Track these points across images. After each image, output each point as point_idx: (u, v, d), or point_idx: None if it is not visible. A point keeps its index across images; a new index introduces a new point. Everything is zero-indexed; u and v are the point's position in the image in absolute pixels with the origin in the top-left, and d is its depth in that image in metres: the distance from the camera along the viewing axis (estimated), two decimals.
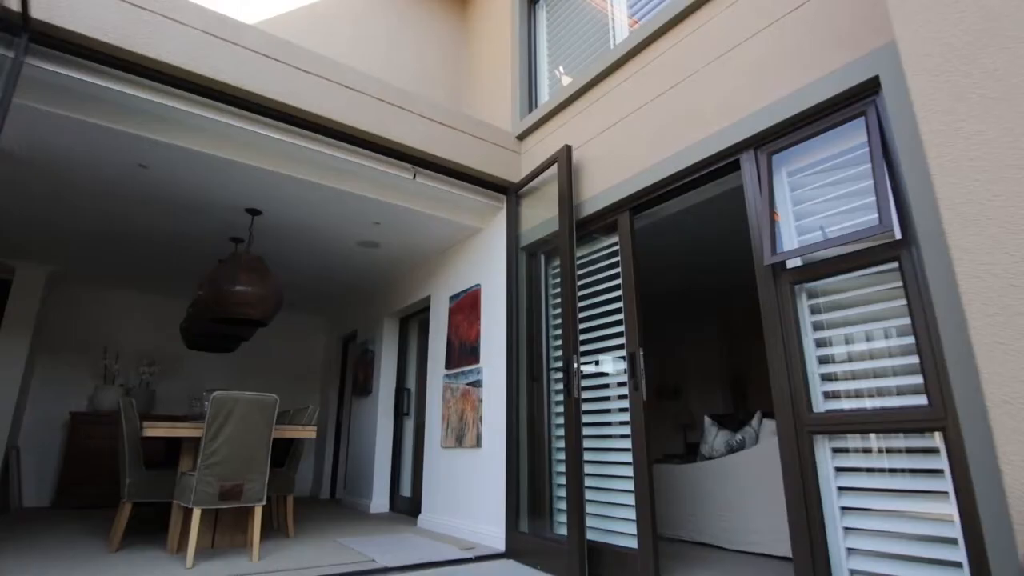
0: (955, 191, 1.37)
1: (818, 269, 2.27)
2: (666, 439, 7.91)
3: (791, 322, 2.32)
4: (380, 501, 5.40)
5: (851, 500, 2.09)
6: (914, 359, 1.97)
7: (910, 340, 1.99)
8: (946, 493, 1.85)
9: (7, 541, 3.60)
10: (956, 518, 1.79)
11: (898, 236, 2.05)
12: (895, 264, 2.06)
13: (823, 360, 2.26)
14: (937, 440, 1.89)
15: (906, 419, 1.93)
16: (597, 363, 3.28)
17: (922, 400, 1.92)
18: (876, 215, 2.08)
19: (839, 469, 2.15)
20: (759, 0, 2.66)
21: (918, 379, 1.95)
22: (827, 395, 2.23)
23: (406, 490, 5.46)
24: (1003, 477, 1.21)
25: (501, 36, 4.94)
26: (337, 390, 7.05)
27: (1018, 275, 1.25)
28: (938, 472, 1.89)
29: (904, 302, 2.02)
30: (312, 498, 6.73)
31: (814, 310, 2.32)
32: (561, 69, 4.31)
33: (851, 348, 2.17)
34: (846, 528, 2.09)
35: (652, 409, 8.18)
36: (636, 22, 3.60)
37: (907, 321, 2.00)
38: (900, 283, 2.04)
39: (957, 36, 1.43)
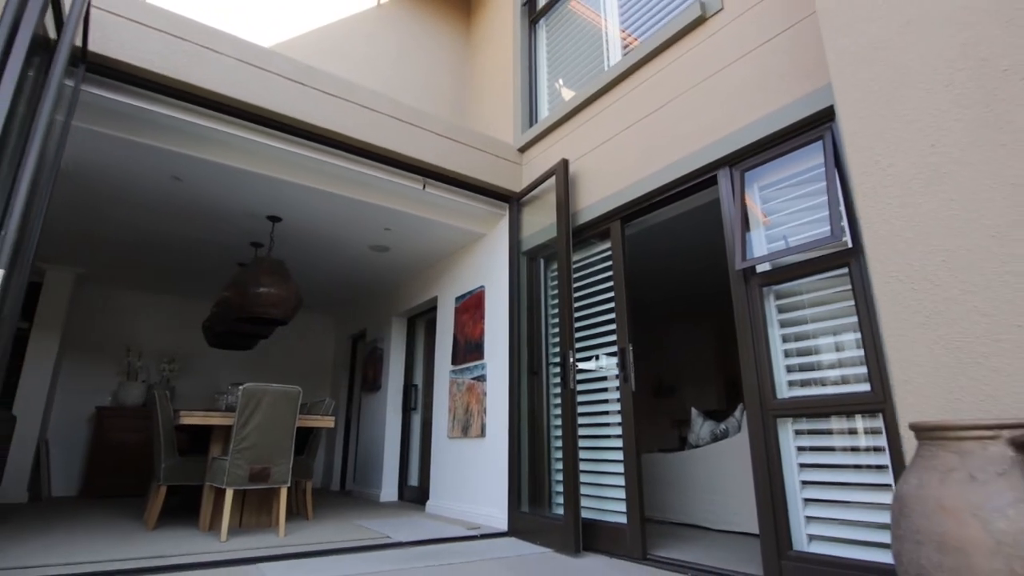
0: (872, 212, 1.69)
1: (783, 273, 2.59)
2: (662, 434, 8.22)
3: (760, 319, 2.63)
4: (389, 491, 5.72)
5: (810, 475, 2.41)
6: (861, 352, 2.29)
7: (858, 335, 2.31)
8: (887, 466, 2.17)
9: (50, 524, 3.93)
10: (894, 487, 2.10)
11: (850, 245, 2.36)
12: (846, 270, 2.37)
13: (788, 353, 2.58)
14: (880, 421, 2.21)
15: (854, 403, 2.25)
16: (596, 358, 3.60)
17: (867, 387, 2.24)
18: (829, 227, 2.40)
19: (800, 448, 2.47)
20: (734, 34, 2.98)
21: (864, 369, 2.27)
22: (791, 383, 2.55)
23: (414, 480, 5.78)
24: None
25: (503, 53, 5.27)
26: (346, 386, 7.38)
27: (917, 281, 1.56)
28: (882, 449, 2.21)
29: (853, 303, 2.33)
30: (323, 489, 7.05)
31: (780, 309, 2.64)
32: (561, 81, 4.63)
33: (811, 343, 2.49)
34: (805, 499, 2.41)
35: (649, 406, 8.49)
36: (627, 34, 3.92)
37: (855, 319, 2.32)
38: (850, 286, 2.36)
39: (878, 85, 1.75)
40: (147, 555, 2.85)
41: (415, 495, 5.59)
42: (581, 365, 3.65)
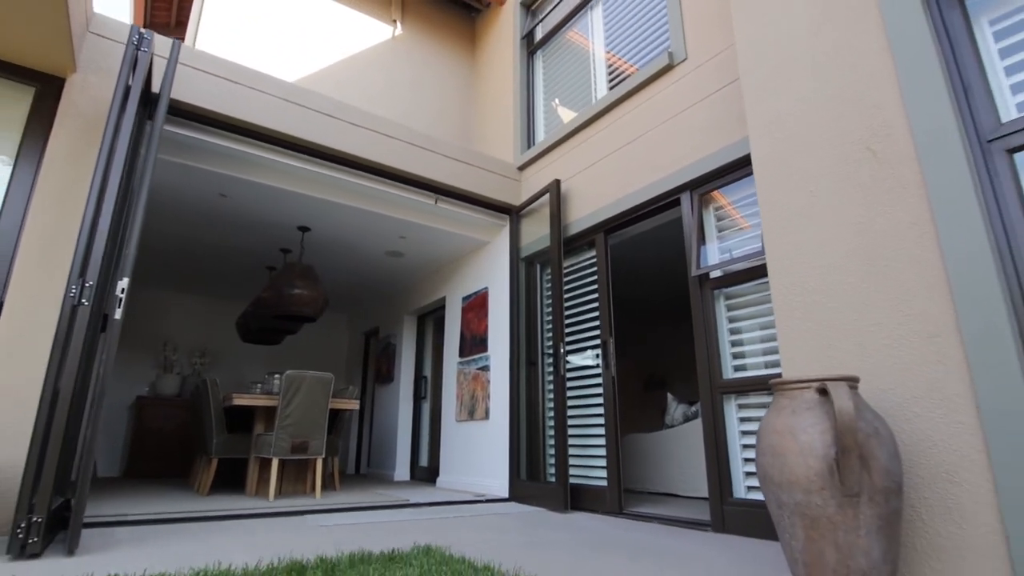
0: (772, 239, 2.32)
1: (729, 279, 3.22)
2: (651, 423, 8.85)
3: (711, 316, 3.26)
4: (402, 471, 6.36)
5: (749, 440, 3.04)
6: None
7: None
8: None
9: (115, 494, 4.57)
10: None
11: None
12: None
13: (734, 343, 3.21)
14: None
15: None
16: (583, 351, 4.23)
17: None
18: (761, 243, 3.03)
19: (742, 419, 3.10)
20: (694, 81, 3.60)
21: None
22: (735, 368, 3.17)
23: (424, 461, 6.42)
24: None
25: (505, 80, 5.89)
26: (360, 378, 8.02)
27: (797, 288, 2.19)
28: None
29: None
30: (340, 473, 7.69)
31: (728, 308, 3.27)
32: (557, 101, 5.26)
33: (750, 334, 3.12)
34: (744, 458, 3.04)
35: (641, 399, 9.12)
36: (613, 55, 4.53)
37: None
38: None
39: (778, 145, 2.38)
40: (214, 508, 3.49)
41: (425, 474, 6.23)
42: (570, 356, 4.28)
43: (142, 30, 2.93)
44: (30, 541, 2.18)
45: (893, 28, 2.06)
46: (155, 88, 3.54)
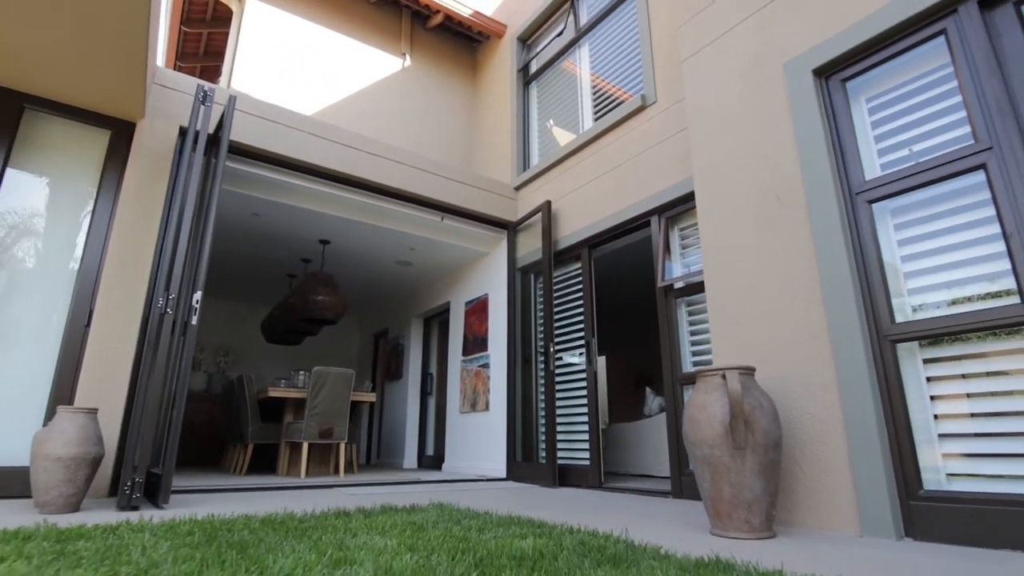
0: (709, 263, 2.97)
1: (689, 290, 3.86)
2: (639, 416, 9.49)
3: (675, 319, 3.91)
4: (410, 459, 7.01)
5: None
6: None
7: None
8: None
9: None
10: None
11: None
12: None
13: (694, 343, 3.85)
14: None
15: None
16: (571, 351, 4.88)
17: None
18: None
19: None
20: (663, 122, 4.25)
21: None
22: (694, 363, 3.82)
23: (430, 450, 7.07)
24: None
25: (502, 108, 6.54)
26: (370, 376, 8.67)
27: (727, 304, 2.84)
28: None
29: None
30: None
31: (689, 313, 3.91)
32: (552, 121, 5.90)
33: (706, 336, 3.76)
34: None
35: (632, 397, 9.77)
36: (598, 78, 5.17)
37: None
38: None
39: (714, 186, 3.02)
40: (256, 482, 4.14)
41: (430, 462, 6.88)
42: (559, 354, 4.93)
43: (206, 87, 3.59)
44: (134, 496, 2.83)
45: (795, 104, 2.71)
46: (209, 127, 4.19)
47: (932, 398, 2.19)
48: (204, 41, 7.15)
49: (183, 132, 4.05)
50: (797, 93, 2.72)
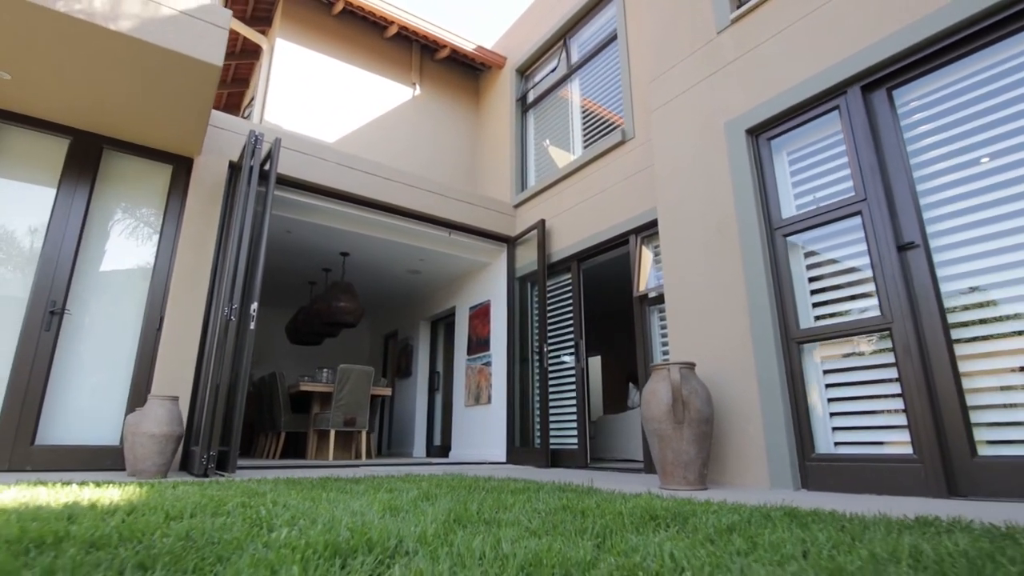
0: (669, 279, 3.70)
1: (658, 300, 4.59)
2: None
3: (649, 324, 4.63)
4: (419, 449, 7.74)
5: None
6: None
7: None
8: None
9: None
10: None
11: None
12: None
13: (664, 344, 4.57)
14: None
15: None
16: (562, 349, 5.60)
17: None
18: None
19: None
20: (640, 155, 4.98)
21: None
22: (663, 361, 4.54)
23: (437, 440, 7.80)
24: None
25: (502, 133, 7.27)
26: (380, 374, 9.39)
27: (681, 313, 3.56)
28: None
29: None
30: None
31: (660, 319, 4.64)
32: (548, 141, 6.63)
33: None
34: None
35: (625, 394, 10.49)
36: (587, 100, 5.89)
37: None
38: None
39: (674, 221, 3.75)
40: (293, 463, 4.86)
41: (438, 451, 7.61)
42: (554, 353, 5.66)
43: (257, 132, 4.32)
44: (209, 467, 3.56)
45: (732, 156, 3.44)
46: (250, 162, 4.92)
47: (827, 386, 2.92)
48: (232, 70, 7.88)
49: (231, 166, 4.78)
50: (733, 147, 3.45)
